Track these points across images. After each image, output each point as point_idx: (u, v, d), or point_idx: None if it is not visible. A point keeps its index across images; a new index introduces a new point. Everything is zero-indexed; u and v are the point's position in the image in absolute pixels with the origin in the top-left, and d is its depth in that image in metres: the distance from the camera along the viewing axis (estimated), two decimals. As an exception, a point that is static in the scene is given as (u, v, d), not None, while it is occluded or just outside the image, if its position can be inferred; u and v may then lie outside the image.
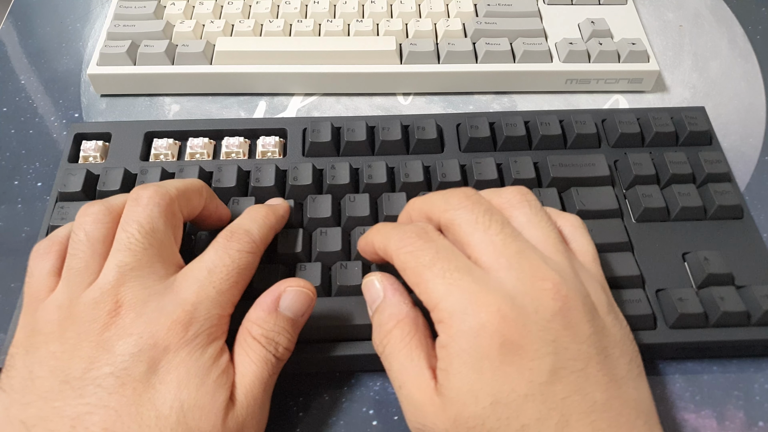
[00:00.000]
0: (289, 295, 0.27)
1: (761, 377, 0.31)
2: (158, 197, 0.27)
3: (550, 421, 0.22)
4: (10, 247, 0.36)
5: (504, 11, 0.45)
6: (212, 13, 0.45)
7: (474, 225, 0.25)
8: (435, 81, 0.43)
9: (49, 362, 0.24)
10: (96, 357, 0.23)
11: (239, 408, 0.25)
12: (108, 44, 0.43)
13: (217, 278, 0.26)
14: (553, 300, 0.23)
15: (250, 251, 0.27)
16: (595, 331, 0.24)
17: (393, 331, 0.26)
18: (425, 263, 0.25)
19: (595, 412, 0.22)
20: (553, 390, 0.22)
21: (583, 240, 0.28)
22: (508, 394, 0.22)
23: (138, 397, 0.23)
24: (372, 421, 0.30)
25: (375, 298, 0.27)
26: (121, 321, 0.24)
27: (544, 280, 0.24)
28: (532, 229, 0.26)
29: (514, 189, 0.28)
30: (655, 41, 0.48)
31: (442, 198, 0.27)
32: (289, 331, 0.27)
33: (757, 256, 0.33)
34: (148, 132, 0.38)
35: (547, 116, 0.38)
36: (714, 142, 0.38)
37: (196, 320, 0.25)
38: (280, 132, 0.38)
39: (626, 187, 0.36)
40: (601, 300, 0.25)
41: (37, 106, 0.43)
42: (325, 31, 0.44)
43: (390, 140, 0.36)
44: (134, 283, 0.25)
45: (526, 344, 0.23)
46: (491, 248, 0.25)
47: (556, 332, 0.23)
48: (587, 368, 0.23)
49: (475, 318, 0.23)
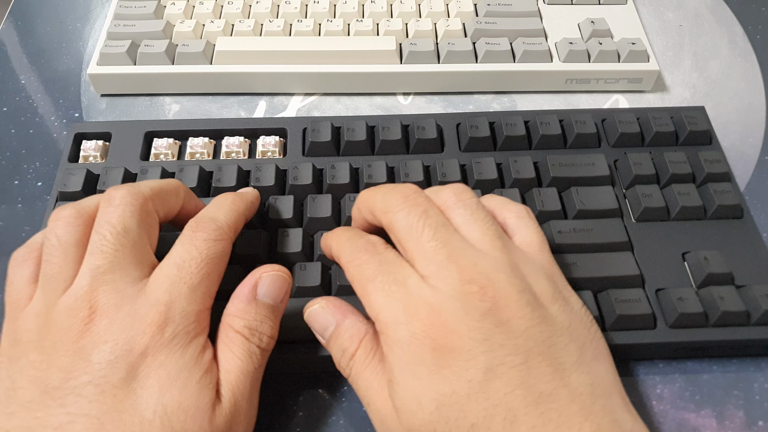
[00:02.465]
0: (265, 281, 0.27)
1: (761, 377, 0.31)
2: (130, 197, 0.26)
3: (497, 417, 0.22)
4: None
5: (504, 11, 0.45)
6: (212, 13, 0.45)
7: (408, 231, 0.26)
8: (435, 81, 0.43)
9: (30, 372, 0.23)
10: (73, 366, 0.23)
11: (226, 405, 0.24)
12: (108, 44, 0.43)
13: (186, 273, 0.25)
14: (481, 301, 0.24)
15: (217, 239, 0.27)
16: (534, 324, 0.24)
17: (357, 351, 0.26)
18: (368, 276, 0.26)
19: (542, 403, 0.22)
20: (494, 386, 0.23)
21: (528, 230, 0.28)
22: (450, 396, 0.23)
23: (119, 403, 0.23)
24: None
25: (326, 325, 0.27)
26: (95, 328, 0.24)
27: (471, 284, 0.24)
28: (468, 229, 0.26)
29: (450, 189, 0.28)
30: (655, 41, 0.48)
31: (383, 197, 0.27)
32: (271, 319, 0.27)
33: (757, 256, 0.33)
34: (148, 132, 0.38)
35: (547, 116, 0.38)
36: (714, 142, 0.38)
37: (172, 320, 0.24)
38: (280, 132, 0.38)
39: (626, 187, 0.36)
40: (544, 290, 0.25)
41: (37, 106, 0.43)
42: (325, 31, 0.44)
43: (390, 140, 0.36)
44: (107, 288, 0.24)
45: (458, 346, 0.23)
46: (423, 255, 0.25)
47: (487, 331, 0.23)
48: (528, 361, 0.23)
49: (407, 326, 0.24)
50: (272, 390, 0.31)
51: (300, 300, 0.30)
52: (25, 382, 0.23)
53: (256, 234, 0.32)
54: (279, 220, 0.33)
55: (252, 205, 0.31)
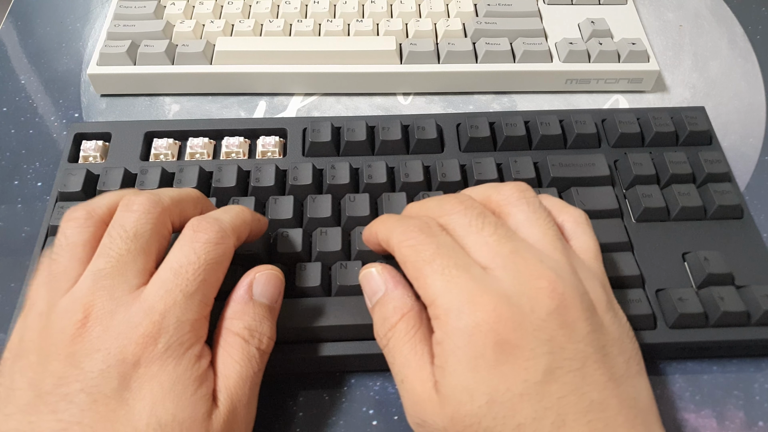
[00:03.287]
0: (260, 281, 0.27)
1: (761, 377, 0.31)
2: (150, 204, 0.26)
3: (546, 420, 0.22)
4: (10, 247, 0.36)
5: (504, 11, 0.45)
6: (212, 13, 0.45)
7: (467, 228, 0.25)
8: (435, 81, 0.43)
9: (27, 373, 0.23)
10: (66, 373, 0.23)
11: (223, 412, 0.24)
12: (108, 44, 0.43)
13: (183, 280, 0.24)
14: (549, 298, 0.23)
15: (219, 242, 0.26)
16: (593, 330, 0.24)
17: (398, 324, 0.25)
18: (425, 258, 0.25)
19: (591, 411, 0.22)
20: (549, 389, 0.22)
21: (585, 237, 0.28)
22: (504, 393, 0.22)
23: (112, 413, 0.22)
24: (372, 421, 0.30)
25: (376, 290, 0.27)
26: (88, 335, 0.23)
27: (540, 279, 0.24)
28: (529, 228, 0.26)
29: (513, 186, 0.28)
30: (655, 41, 0.48)
31: (437, 204, 0.27)
32: (269, 319, 0.27)
33: (757, 256, 0.33)
34: (148, 132, 0.38)
35: (547, 116, 0.38)
36: (714, 142, 0.38)
37: (165, 330, 0.23)
38: (280, 132, 0.38)
39: (626, 187, 0.36)
40: (599, 298, 0.25)
41: (37, 106, 0.43)
42: (325, 31, 0.44)
43: (390, 140, 0.36)
44: (104, 293, 0.24)
45: (522, 344, 0.23)
46: (486, 249, 0.25)
47: (552, 331, 0.23)
48: (584, 367, 0.23)
49: (471, 316, 0.23)
50: (272, 390, 0.31)
51: (300, 300, 0.30)
52: (22, 383, 0.23)
53: (256, 234, 0.32)
54: (279, 220, 0.33)
55: (260, 222, 0.30)
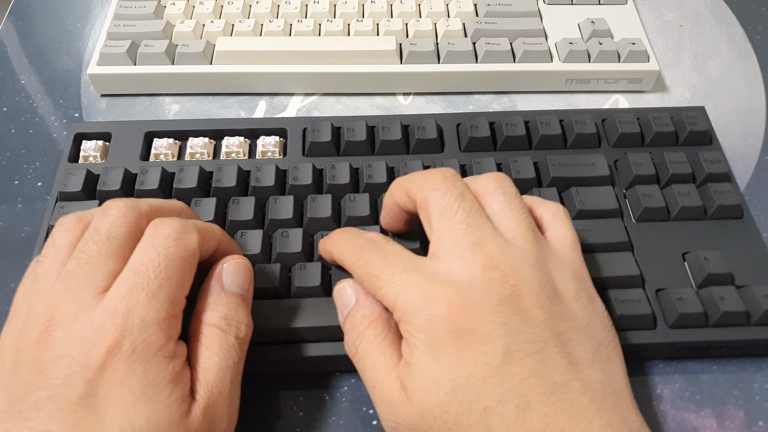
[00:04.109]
0: (228, 270, 0.27)
1: (761, 377, 0.31)
2: (126, 208, 0.26)
3: (511, 402, 0.22)
4: (10, 247, 0.36)
5: (504, 11, 0.45)
6: (212, 13, 0.45)
7: (441, 210, 0.26)
8: (435, 81, 0.43)
9: (3, 380, 0.23)
10: (33, 380, 0.22)
11: (203, 406, 0.23)
12: (108, 44, 0.43)
13: (144, 278, 0.23)
14: (501, 287, 0.24)
15: (179, 237, 0.25)
16: (551, 317, 0.24)
17: (366, 331, 0.26)
18: (375, 273, 0.26)
19: (555, 393, 0.23)
20: (510, 372, 0.23)
21: (562, 227, 0.28)
22: (467, 378, 0.23)
23: (82, 421, 0.21)
24: (372, 421, 0.30)
25: (347, 303, 0.28)
26: (51, 339, 0.22)
27: (493, 270, 0.24)
28: (502, 218, 0.27)
29: (490, 176, 0.28)
30: (655, 41, 0.48)
31: (422, 176, 0.28)
32: (244, 307, 0.27)
33: (757, 256, 0.33)
34: (148, 132, 0.38)
35: (547, 116, 0.37)
36: (714, 142, 0.38)
37: (129, 332, 0.22)
38: (280, 132, 0.38)
39: (626, 187, 0.36)
40: (567, 287, 0.26)
41: (37, 106, 0.43)
42: (325, 31, 0.44)
43: (390, 140, 0.36)
44: (69, 296, 0.23)
45: (477, 329, 0.23)
46: (450, 238, 0.25)
47: (505, 316, 0.24)
48: (543, 350, 0.23)
49: (426, 310, 0.24)
50: (272, 390, 0.31)
51: (300, 300, 0.30)
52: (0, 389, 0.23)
53: (255, 234, 0.32)
54: (279, 220, 0.33)
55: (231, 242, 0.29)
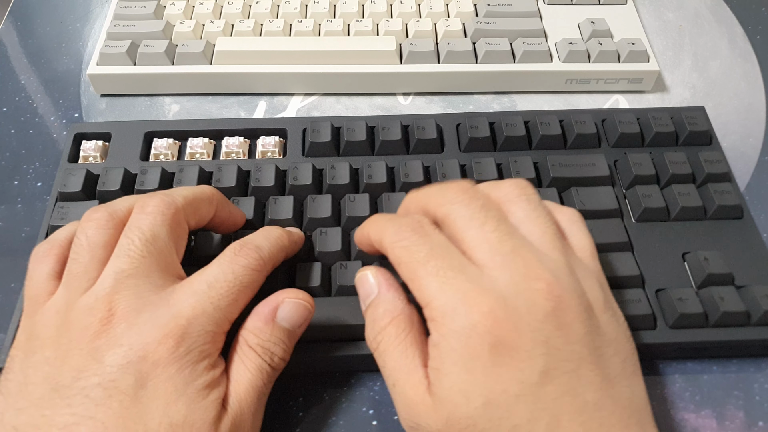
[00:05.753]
0: (286, 307, 0.27)
1: (761, 377, 0.31)
2: (164, 206, 0.27)
3: (541, 421, 0.22)
4: (10, 247, 0.36)
5: (504, 11, 0.45)
6: (212, 13, 0.45)
7: (469, 221, 0.25)
8: (435, 81, 0.43)
9: (43, 368, 0.23)
10: (85, 366, 0.23)
11: (232, 416, 0.24)
12: (108, 44, 0.43)
13: (216, 293, 0.25)
14: (546, 300, 0.23)
15: (256, 268, 0.27)
16: (589, 331, 0.24)
17: (388, 327, 0.25)
18: (419, 259, 0.24)
19: (586, 412, 0.22)
20: (545, 391, 0.22)
21: (581, 234, 0.28)
22: (500, 395, 0.22)
23: (125, 410, 0.22)
24: (372, 421, 0.30)
25: (369, 292, 0.27)
26: (113, 330, 0.24)
27: (538, 280, 0.23)
28: (529, 225, 0.26)
29: (513, 183, 0.27)
30: (655, 41, 0.48)
31: (439, 191, 0.27)
32: (285, 342, 0.27)
33: (757, 256, 0.33)
34: (148, 132, 0.38)
35: (547, 116, 0.37)
36: (714, 142, 0.38)
37: (189, 336, 0.24)
38: (280, 132, 0.38)
39: (626, 187, 0.36)
40: (597, 298, 0.25)
41: (37, 106, 0.43)
42: (325, 31, 0.44)
43: (390, 140, 0.36)
44: (129, 292, 0.24)
45: (518, 345, 0.22)
46: (486, 246, 0.24)
47: (548, 333, 0.23)
48: (579, 369, 0.23)
49: (467, 318, 0.23)
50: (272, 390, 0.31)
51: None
52: (37, 378, 0.23)
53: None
54: (279, 221, 0.33)
55: (295, 245, 0.31)
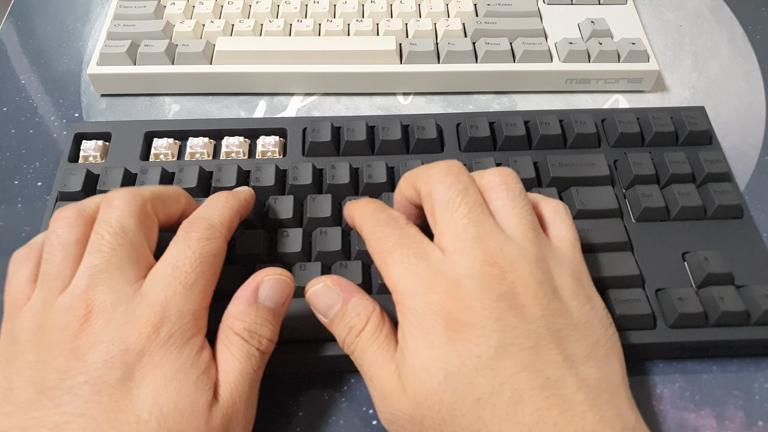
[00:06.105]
0: (267, 285, 0.27)
1: (761, 377, 0.31)
2: (130, 197, 0.27)
3: (503, 395, 0.23)
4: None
5: (504, 11, 0.45)
6: (212, 13, 0.45)
7: (444, 204, 0.26)
8: (435, 81, 0.43)
9: (26, 372, 0.23)
10: (69, 366, 0.23)
11: (224, 406, 0.24)
12: (108, 44, 0.43)
13: (181, 272, 0.25)
14: (499, 284, 0.24)
15: (211, 237, 0.27)
16: (548, 314, 0.24)
17: (365, 328, 0.26)
18: (388, 249, 0.26)
19: (548, 388, 0.23)
20: (502, 365, 0.23)
21: (562, 225, 0.29)
22: (459, 368, 0.23)
23: (115, 403, 0.23)
24: (372, 421, 0.30)
25: (331, 303, 0.27)
26: (91, 328, 0.24)
27: (493, 266, 0.25)
28: (505, 215, 0.27)
29: (496, 171, 0.28)
30: (655, 41, 0.48)
31: (426, 169, 0.28)
32: (272, 322, 0.27)
33: (757, 256, 0.33)
34: (148, 132, 0.38)
35: (547, 116, 0.38)
36: (714, 142, 0.38)
37: (167, 320, 0.24)
38: (280, 132, 0.38)
39: (626, 187, 0.36)
40: (566, 286, 0.26)
41: (37, 106, 0.43)
42: (325, 31, 0.44)
43: (390, 140, 0.36)
44: (104, 287, 0.24)
45: (472, 321, 0.24)
46: (452, 231, 0.26)
47: (501, 311, 0.24)
48: (538, 346, 0.23)
49: (424, 297, 0.25)
50: (272, 390, 0.31)
51: (300, 300, 0.30)
52: (21, 382, 0.23)
53: (256, 234, 0.32)
54: (279, 220, 0.33)
55: (246, 203, 0.31)
